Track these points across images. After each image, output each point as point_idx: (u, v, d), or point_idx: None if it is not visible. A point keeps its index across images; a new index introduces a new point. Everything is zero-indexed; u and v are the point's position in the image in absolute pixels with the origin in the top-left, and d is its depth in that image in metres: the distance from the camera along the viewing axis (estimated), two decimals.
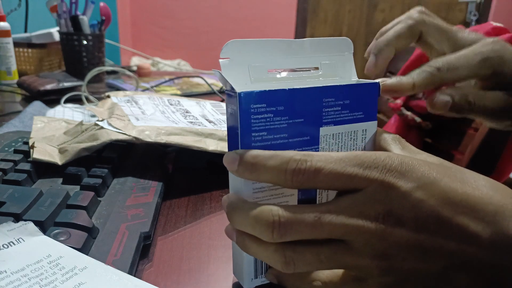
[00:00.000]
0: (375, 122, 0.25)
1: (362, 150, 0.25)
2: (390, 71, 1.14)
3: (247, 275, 0.24)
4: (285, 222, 0.19)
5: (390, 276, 0.20)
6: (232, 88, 0.21)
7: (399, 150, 0.24)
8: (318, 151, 0.23)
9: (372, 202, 0.19)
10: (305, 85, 0.22)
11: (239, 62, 0.22)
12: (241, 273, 0.25)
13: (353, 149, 0.25)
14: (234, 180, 0.23)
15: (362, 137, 0.25)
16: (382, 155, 0.20)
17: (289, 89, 0.22)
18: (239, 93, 0.20)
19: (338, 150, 0.24)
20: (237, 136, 0.21)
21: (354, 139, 0.25)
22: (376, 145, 0.25)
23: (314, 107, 0.23)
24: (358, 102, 0.24)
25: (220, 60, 0.22)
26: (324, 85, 0.23)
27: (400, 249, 0.19)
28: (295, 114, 0.22)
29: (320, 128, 0.23)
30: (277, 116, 0.22)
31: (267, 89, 0.21)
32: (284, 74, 0.24)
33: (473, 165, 0.76)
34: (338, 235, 0.19)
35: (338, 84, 0.23)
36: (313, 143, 0.23)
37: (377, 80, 0.26)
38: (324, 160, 0.20)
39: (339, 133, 0.24)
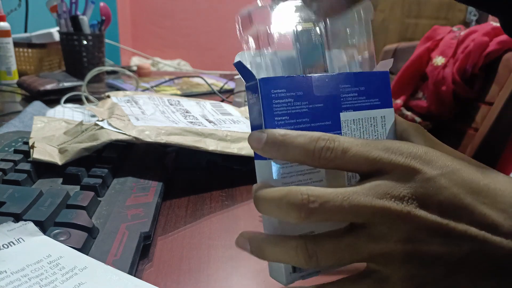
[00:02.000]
0: (392, 110, 0.26)
1: (383, 138, 0.25)
2: (390, 71, 1.14)
3: (285, 270, 0.23)
4: (314, 200, 0.19)
5: (413, 262, 0.19)
6: (252, 75, 0.22)
7: (422, 142, 0.24)
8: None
9: (397, 186, 0.19)
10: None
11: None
12: (278, 270, 0.23)
13: (375, 136, 0.25)
14: (261, 168, 0.23)
15: (382, 124, 0.25)
16: (407, 144, 0.21)
17: (306, 75, 0.23)
18: (259, 80, 0.22)
19: (360, 135, 0.25)
20: (261, 121, 0.22)
21: (374, 125, 0.25)
22: (398, 135, 0.25)
23: (332, 92, 0.24)
24: (372, 89, 0.25)
25: (237, 54, 0.23)
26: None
27: (425, 232, 0.19)
28: (314, 99, 0.23)
29: (340, 114, 0.24)
30: (297, 101, 0.22)
31: (284, 75, 0.22)
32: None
33: None
34: (364, 217, 0.19)
35: (351, 72, 0.25)
36: (335, 128, 0.24)
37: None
38: (351, 142, 0.21)
39: (359, 118, 0.25)
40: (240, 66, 0.22)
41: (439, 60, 0.88)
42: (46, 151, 0.37)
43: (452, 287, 0.20)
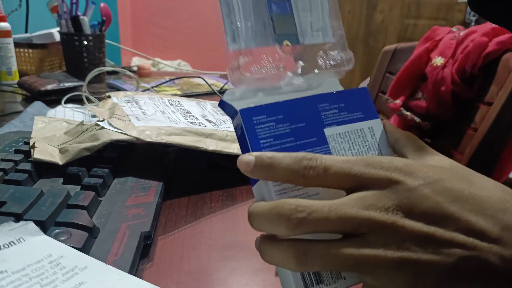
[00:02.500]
0: (379, 120, 0.26)
1: (375, 147, 0.26)
2: (389, 72, 1.14)
3: (295, 283, 0.23)
4: (302, 210, 0.20)
5: (405, 271, 0.20)
6: (234, 109, 0.24)
7: (414, 151, 0.24)
8: (329, 150, 0.25)
9: (381, 197, 0.20)
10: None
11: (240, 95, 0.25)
12: (288, 282, 0.23)
13: (365, 146, 0.26)
14: (256, 190, 0.24)
15: (371, 134, 0.26)
16: (387, 157, 0.22)
17: (283, 101, 0.24)
18: (240, 110, 0.24)
19: (350, 147, 0.25)
20: (247, 147, 0.23)
21: (363, 137, 0.26)
22: (390, 146, 0.26)
23: (311, 112, 0.25)
24: (353, 104, 0.26)
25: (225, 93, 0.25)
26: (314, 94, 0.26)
27: (412, 240, 0.19)
28: (295, 120, 0.24)
29: (324, 129, 0.25)
30: (279, 124, 0.24)
31: (263, 103, 0.24)
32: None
33: (472, 165, 0.76)
34: (352, 227, 0.20)
35: (327, 92, 0.26)
36: (321, 143, 0.25)
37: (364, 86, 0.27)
38: (333, 160, 0.21)
39: (345, 132, 0.25)
40: (223, 104, 0.25)
41: (438, 61, 0.88)
42: (47, 151, 0.37)
43: None
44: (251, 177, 0.23)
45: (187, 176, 0.43)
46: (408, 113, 0.95)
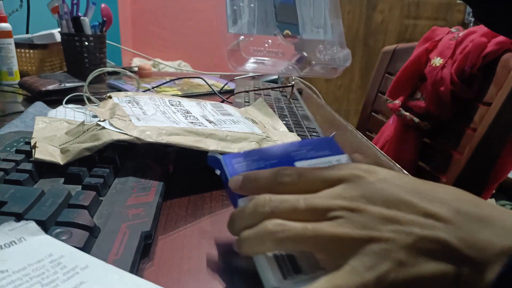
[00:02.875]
0: (346, 155, 0.30)
1: None
2: (389, 72, 1.14)
3: (272, 277, 0.24)
4: (274, 200, 0.24)
5: (371, 247, 0.21)
6: (217, 157, 0.29)
7: None
8: None
9: (346, 189, 0.24)
10: None
11: None
12: (267, 275, 0.24)
13: None
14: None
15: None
16: (353, 163, 0.27)
17: (257, 148, 0.31)
18: (221, 157, 0.29)
19: None
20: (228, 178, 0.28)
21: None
22: None
23: (283, 152, 0.29)
24: (320, 147, 0.30)
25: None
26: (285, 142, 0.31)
27: (376, 221, 0.22)
28: (268, 158, 0.29)
29: (295, 163, 0.28)
30: (254, 162, 0.29)
31: (241, 151, 0.29)
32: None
33: (471, 165, 0.76)
34: (322, 214, 0.23)
35: (297, 140, 0.31)
36: None
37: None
38: (305, 168, 0.26)
39: (315, 163, 0.29)
40: (209, 160, 0.30)
41: (437, 61, 0.88)
42: (48, 151, 0.37)
43: (416, 277, 0.21)
44: (240, 193, 0.27)
45: (187, 176, 0.43)
46: (407, 113, 0.95)
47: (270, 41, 0.26)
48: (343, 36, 0.29)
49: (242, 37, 0.25)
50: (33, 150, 0.37)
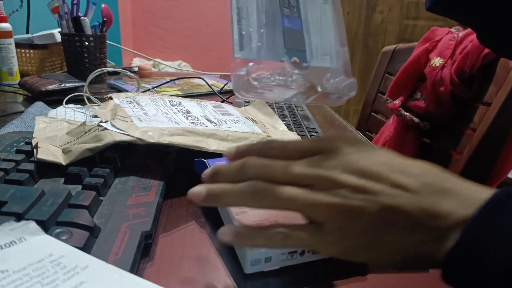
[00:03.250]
0: None
1: None
2: (388, 72, 1.14)
3: (248, 260, 0.27)
4: (260, 163, 0.26)
5: (341, 214, 0.23)
6: (203, 160, 0.31)
7: None
8: None
9: (325, 160, 0.25)
10: None
11: None
12: (243, 257, 0.27)
13: None
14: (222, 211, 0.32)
15: None
16: (331, 136, 0.28)
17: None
18: (207, 161, 0.33)
19: None
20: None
21: None
22: None
23: None
24: None
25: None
26: None
27: (346, 190, 0.24)
28: None
29: None
30: None
31: None
32: None
33: (471, 165, 0.76)
34: (300, 180, 0.25)
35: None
36: None
37: None
38: (288, 141, 0.28)
39: None
40: (195, 164, 0.34)
41: (437, 61, 0.88)
42: (50, 151, 0.37)
43: (379, 242, 0.23)
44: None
45: (187, 176, 0.43)
46: (407, 114, 0.95)
47: (278, 68, 0.26)
48: (349, 65, 0.29)
49: (252, 63, 0.24)
50: (35, 150, 0.37)
